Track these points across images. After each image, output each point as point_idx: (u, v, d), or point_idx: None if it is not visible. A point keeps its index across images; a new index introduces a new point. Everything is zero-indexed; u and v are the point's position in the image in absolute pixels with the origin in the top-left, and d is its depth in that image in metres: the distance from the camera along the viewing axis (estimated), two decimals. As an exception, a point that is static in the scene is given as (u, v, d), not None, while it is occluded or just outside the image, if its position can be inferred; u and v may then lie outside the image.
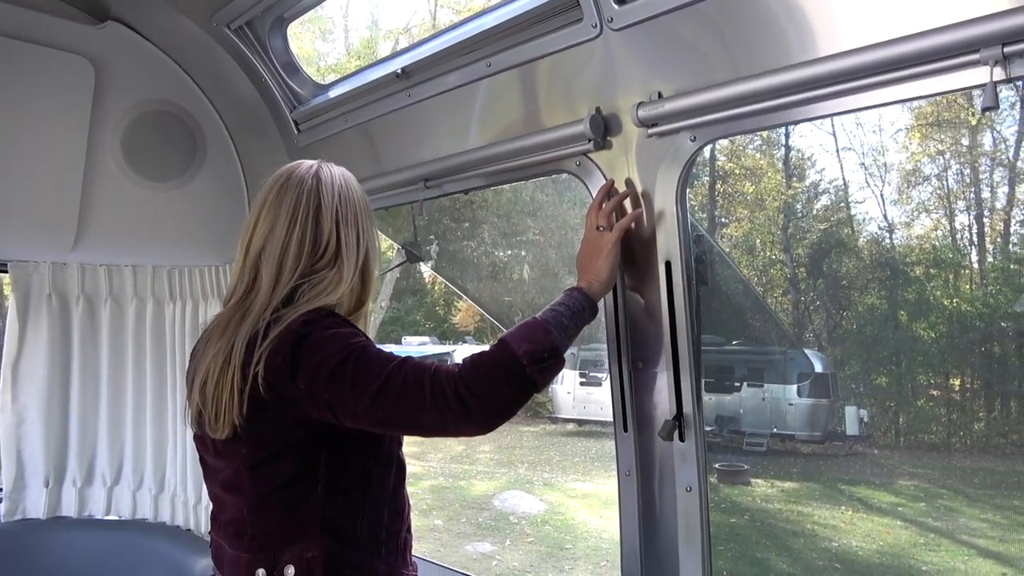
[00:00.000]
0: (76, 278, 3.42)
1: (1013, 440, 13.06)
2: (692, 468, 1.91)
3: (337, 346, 1.57)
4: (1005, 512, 10.69)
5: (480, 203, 15.33)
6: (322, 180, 1.74)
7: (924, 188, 14.94)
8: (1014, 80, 1.35)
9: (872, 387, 14.94)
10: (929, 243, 14.85)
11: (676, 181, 1.87)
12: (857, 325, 14.94)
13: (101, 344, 3.51)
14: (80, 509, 3.50)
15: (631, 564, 2.04)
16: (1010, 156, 13.77)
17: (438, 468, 14.56)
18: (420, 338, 21.97)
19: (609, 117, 1.97)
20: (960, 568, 9.25)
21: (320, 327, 1.60)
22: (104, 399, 3.52)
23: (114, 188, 3.14)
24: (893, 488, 12.22)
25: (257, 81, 2.92)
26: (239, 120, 3.20)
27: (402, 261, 2.70)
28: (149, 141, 3.15)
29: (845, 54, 1.50)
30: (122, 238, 3.30)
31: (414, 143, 2.55)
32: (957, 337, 13.99)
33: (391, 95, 2.49)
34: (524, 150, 2.13)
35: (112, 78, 3.01)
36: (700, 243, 1.92)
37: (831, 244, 15.76)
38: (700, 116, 1.76)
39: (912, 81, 1.44)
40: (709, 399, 14.25)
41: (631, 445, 2.03)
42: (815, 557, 10.10)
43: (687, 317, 1.88)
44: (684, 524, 1.93)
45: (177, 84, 3.15)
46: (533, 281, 15.94)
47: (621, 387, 2.03)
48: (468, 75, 2.23)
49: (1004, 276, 13.82)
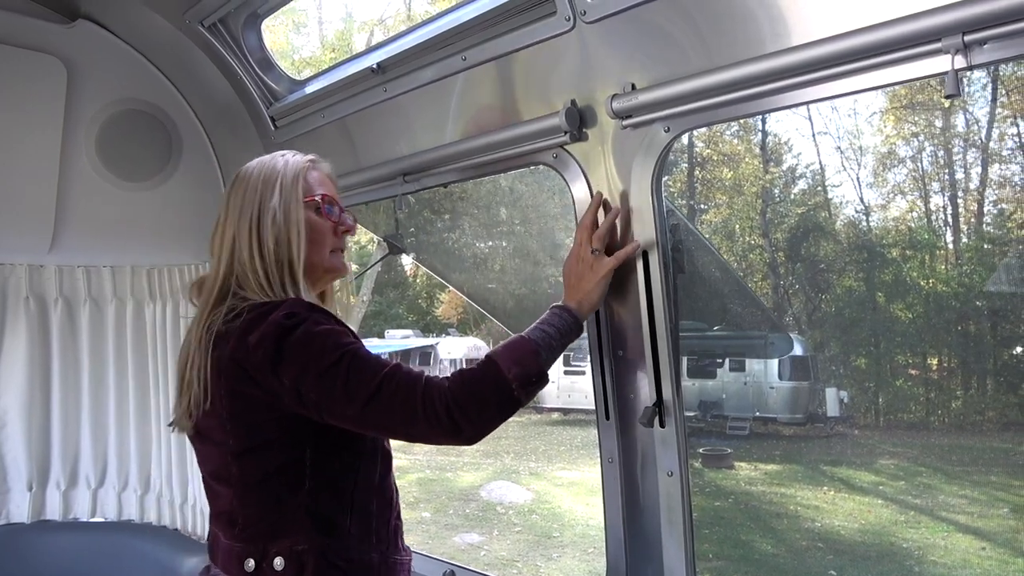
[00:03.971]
0: (54, 280, 3.40)
1: (989, 417, 13.29)
2: (673, 453, 1.94)
3: (329, 345, 1.59)
4: (983, 488, 10.90)
5: (460, 194, 15.32)
6: (239, 177, 1.83)
7: (899, 170, 15.13)
8: (975, 68, 1.38)
9: (851, 368, 15.15)
10: (905, 225, 15.04)
11: (651, 172, 1.89)
12: (836, 308, 15.13)
13: (81, 346, 3.49)
14: (65, 512, 3.49)
15: (615, 549, 2.08)
16: (983, 137, 13.96)
17: (424, 461, 14.59)
18: (403, 331, 21.93)
19: (584, 109, 1.99)
20: (940, 544, 9.43)
21: (309, 322, 1.61)
22: (86, 401, 3.50)
23: (90, 188, 3.12)
24: (873, 467, 12.43)
25: (232, 78, 2.91)
26: (215, 118, 3.19)
27: (384, 254, 2.71)
28: (124, 140, 3.13)
29: (814, 43, 1.53)
30: (100, 239, 3.28)
31: (392, 138, 2.55)
32: (934, 317, 14.21)
33: (368, 90, 2.50)
34: (501, 143, 2.15)
35: (84, 77, 2.98)
36: (677, 231, 1.95)
37: (809, 228, 15.92)
38: (673, 107, 1.78)
39: (879, 70, 1.47)
40: (692, 384, 14.38)
41: (613, 433, 2.06)
42: (798, 537, 10.26)
43: (664, 305, 1.91)
44: (666, 508, 1.96)
45: (151, 82, 3.13)
46: (514, 269, 15.98)
47: (602, 376, 2.06)
48: (444, 69, 2.24)
49: (978, 256, 14.03)
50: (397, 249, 2.98)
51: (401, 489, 1.87)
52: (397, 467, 1.89)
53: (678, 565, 1.96)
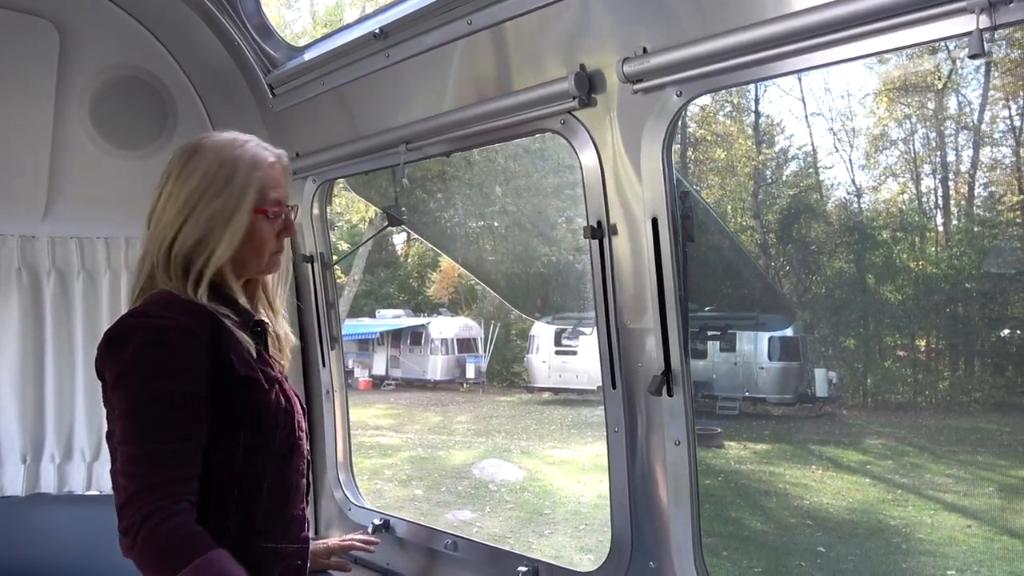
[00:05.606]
0: (46, 252, 3.34)
1: (976, 398, 13.42)
2: (680, 422, 1.93)
3: (148, 379, 1.69)
4: (969, 468, 11.02)
5: (452, 175, 15.24)
6: (195, 153, 1.80)
7: (891, 152, 15.12)
8: (999, 27, 1.36)
9: (840, 349, 15.24)
10: (896, 207, 15.07)
11: (662, 137, 1.87)
12: (826, 289, 15.18)
13: (75, 318, 3.43)
14: (60, 485, 3.45)
15: (621, 519, 2.07)
16: (975, 119, 13.97)
17: (416, 439, 14.60)
18: (394, 311, 21.87)
19: (593, 74, 1.95)
20: (927, 522, 9.54)
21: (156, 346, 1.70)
22: (81, 374, 3.45)
23: (83, 157, 3.06)
24: (861, 447, 12.54)
25: (229, 44, 2.85)
26: (211, 85, 3.13)
27: (384, 226, 2.68)
28: (118, 108, 3.06)
29: (834, 3, 1.50)
30: (93, 209, 3.22)
31: (393, 105, 2.51)
32: (923, 299, 14.29)
33: (369, 56, 2.45)
34: (507, 109, 2.11)
35: (77, 42, 2.91)
36: (687, 199, 1.92)
37: (800, 210, 15.94)
38: (686, 70, 1.75)
39: (900, 30, 1.44)
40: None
41: (619, 402, 2.04)
42: (787, 515, 10.35)
43: (674, 272, 1.89)
44: (673, 477, 1.95)
45: (145, 48, 3.06)
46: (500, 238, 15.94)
47: (609, 345, 2.04)
48: (448, 34, 2.20)
49: (968, 238, 14.09)
50: (396, 221, 2.94)
51: (393, 467, 1.86)
52: (388, 446, 1.88)
53: (684, 534, 1.95)
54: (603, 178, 1.98)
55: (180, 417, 1.62)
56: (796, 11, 1.55)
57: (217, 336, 1.69)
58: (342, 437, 3.04)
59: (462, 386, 19.69)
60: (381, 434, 14.32)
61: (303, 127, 2.85)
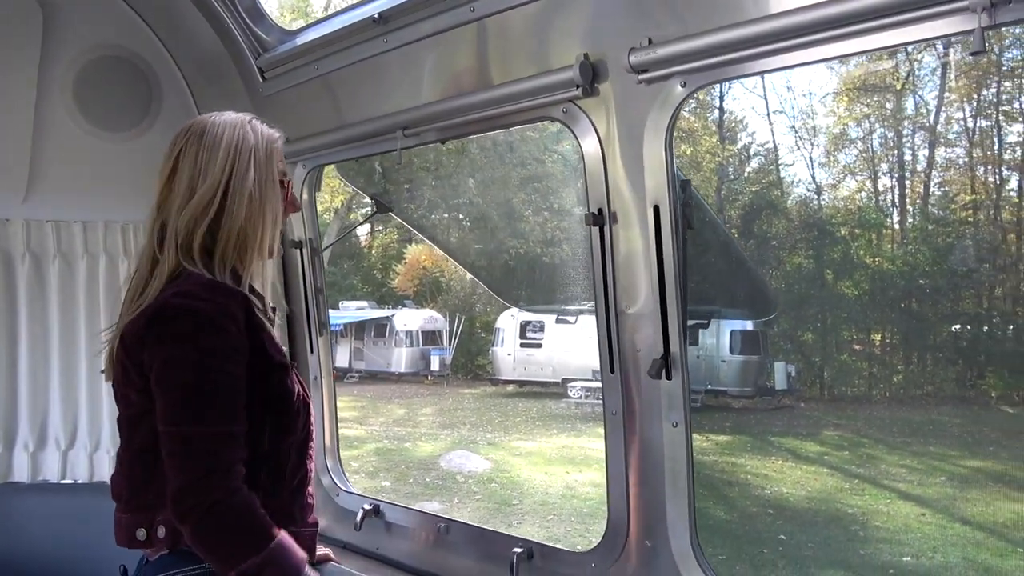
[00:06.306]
0: (21, 235, 3.27)
1: (928, 391, 13.84)
2: (679, 404, 1.98)
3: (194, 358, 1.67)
4: (922, 458, 11.38)
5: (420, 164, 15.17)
6: (204, 131, 1.79)
7: (850, 151, 15.47)
8: (1000, 26, 1.42)
9: (799, 343, 15.57)
10: (854, 204, 15.43)
11: (665, 127, 1.91)
12: (786, 284, 15.48)
13: (50, 303, 3.37)
14: (33, 474, 3.39)
15: (618, 500, 2.11)
16: (931, 120, 14.36)
17: (381, 431, 14.54)
18: (358, 303, 21.67)
19: (597, 63, 1.98)
20: (883, 510, 9.84)
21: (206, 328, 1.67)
22: (56, 360, 3.39)
23: (66, 138, 3.00)
24: (819, 438, 12.86)
25: (219, 26, 2.82)
26: (198, 68, 3.09)
27: (372, 213, 2.69)
28: (102, 89, 3.01)
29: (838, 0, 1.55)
30: (74, 191, 3.17)
31: (390, 91, 2.51)
32: (878, 294, 14.67)
33: (367, 41, 2.45)
34: (509, 97, 2.13)
35: (61, 21, 2.85)
36: (687, 188, 1.97)
37: (761, 206, 16.21)
38: (692, 62, 1.79)
39: (904, 27, 1.50)
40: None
41: (617, 386, 2.09)
42: (749, 504, 10.58)
43: (675, 258, 1.94)
44: (671, 457, 2.00)
45: (131, 28, 3.01)
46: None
47: (608, 330, 2.08)
48: (451, 20, 2.21)
49: (923, 235, 14.50)
50: (384, 207, 2.95)
51: (359, 459, 1.90)
52: (354, 437, 1.92)
53: (680, 513, 2.01)
54: (605, 166, 2.02)
55: (233, 400, 1.63)
56: (802, 6, 1.60)
57: (250, 320, 1.69)
58: (330, 423, 3.04)
59: (427, 379, 19.63)
60: (346, 426, 14.19)
61: (294, 112, 2.83)
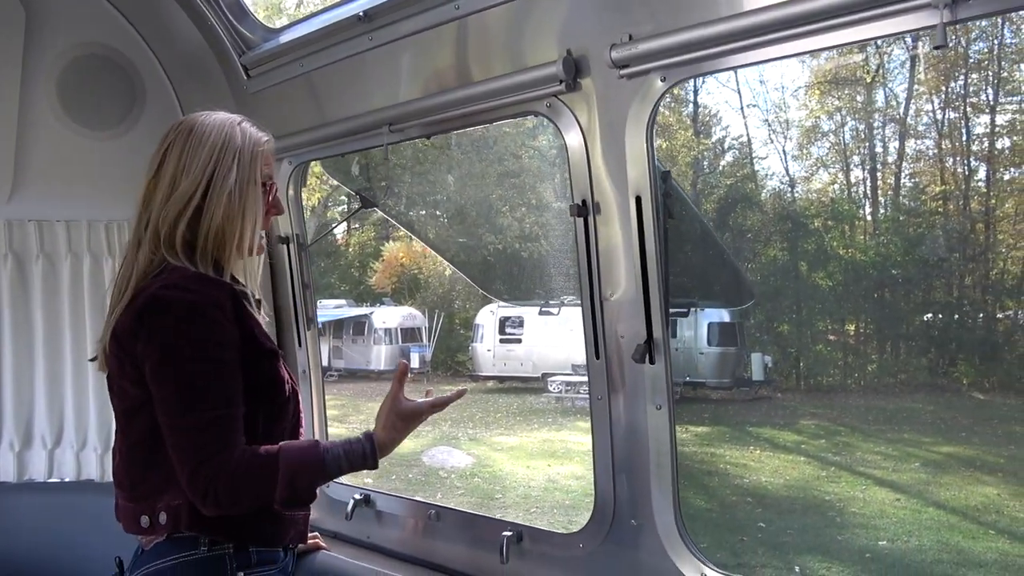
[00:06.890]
0: (3, 236, 3.26)
1: (902, 380, 14.11)
2: (662, 387, 2.05)
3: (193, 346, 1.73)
4: (896, 445, 11.62)
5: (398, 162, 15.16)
6: (192, 129, 1.86)
7: (822, 143, 15.70)
8: (961, 21, 1.51)
9: (775, 335, 15.80)
10: (827, 196, 15.67)
11: (646, 120, 1.97)
12: (761, 276, 15.69)
13: (34, 303, 3.37)
14: (19, 474, 3.38)
15: (604, 482, 2.18)
16: (901, 113, 14.61)
17: (362, 429, 14.49)
18: (336, 301, 21.57)
19: (579, 59, 2.04)
20: (859, 496, 10.05)
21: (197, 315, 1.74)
22: (40, 359, 3.39)
23: (49, 137, 3.00)
24: (796, 428, 13.07)
25: (202, 24, 2.84)
26: (182, 66, 3.10)
27: (357, 208, 2.73)
28: (85, 88, 3.02)
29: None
30: (57, 190, 3.17)
31: (375, 88, 2.55)
32: (852, 285, 14.92)
33: (351, 39, 2.49)
34: (493, 92, 2.19)
35: (44, 20, 2.86)
36: (668, 179, 2.04)
37: (736, 199, 16.41)
38: (671, 57, 1.86)
39: (871, 23, 1.58)
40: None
41: (602, 371, 2.16)
42: (728, 493, 10.74)
43: (656, 247, 2.01)
44: (655, 439, 2.07)
45: (114, 27, 3.01)
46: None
47: (592, 318, 2.15)
48: (435, 18, 2.26)
49: (895, 226, 14.76)
50: (368, 203, 2.99)
51: None
52: (334, 435, 1.98)
53: (665, 493, 2.08)
54: (588, 158, 2.08)
55: (229, 385, 1.69)
56: (773, 4, 1.68)
57: (239, 310, 1.73)
58: (318, 416, 3.07)
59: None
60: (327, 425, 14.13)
61: (279, 109, 2.86)
